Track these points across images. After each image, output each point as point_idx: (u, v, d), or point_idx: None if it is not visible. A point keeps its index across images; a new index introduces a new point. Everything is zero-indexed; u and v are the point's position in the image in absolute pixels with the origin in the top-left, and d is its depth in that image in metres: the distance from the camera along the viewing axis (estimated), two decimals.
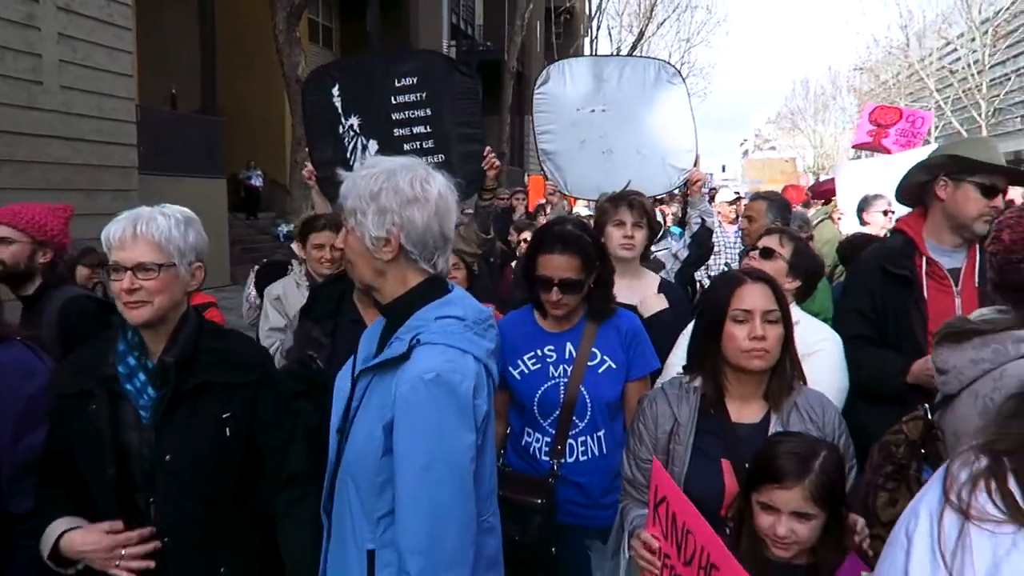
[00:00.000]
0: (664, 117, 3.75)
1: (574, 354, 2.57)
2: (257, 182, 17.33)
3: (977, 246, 2.52)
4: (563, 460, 2.53)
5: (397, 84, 3.49)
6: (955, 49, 39.62)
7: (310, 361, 2.56)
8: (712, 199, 13.12)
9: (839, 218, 6.47)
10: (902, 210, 3.03)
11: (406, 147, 3.46)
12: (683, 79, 3.90)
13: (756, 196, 4.94)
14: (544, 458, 2.55)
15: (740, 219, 6.00)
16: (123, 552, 1.90)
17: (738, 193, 8.22)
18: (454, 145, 3.45)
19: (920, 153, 5.62)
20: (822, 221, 6.22)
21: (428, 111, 3.46)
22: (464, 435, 1.68)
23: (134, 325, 1.96)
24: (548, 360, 2.57)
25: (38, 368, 2.20)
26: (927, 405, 1.90)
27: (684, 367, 2.14)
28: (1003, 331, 1.71)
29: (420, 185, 1.75)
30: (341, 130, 3.54)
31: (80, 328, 2.69)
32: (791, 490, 1.69)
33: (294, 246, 4.29)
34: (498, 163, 3.45)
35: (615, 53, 34.05)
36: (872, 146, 8.27)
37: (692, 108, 3.83)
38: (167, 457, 1.94)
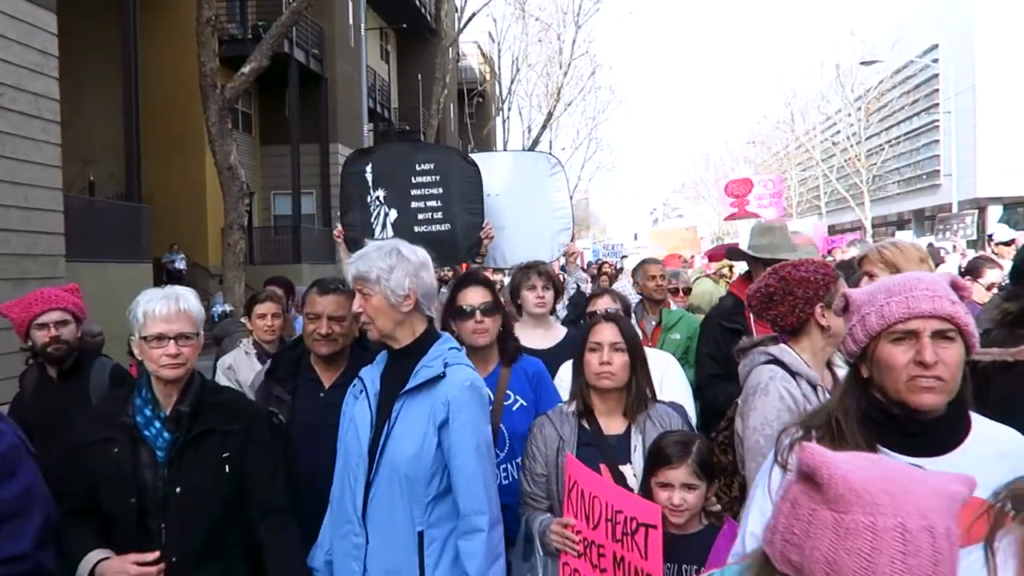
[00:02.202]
0: (546, 200, 4.50)
1: (491, 397, 2.92)
2: (180, 265, 17.36)
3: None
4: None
5: (418, 168, 4.24)
6: (835, 123, 43.25)
7: (271, 416, 2.86)
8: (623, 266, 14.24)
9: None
10: None
11: (420, 216, 4.18)
12: (563, 167, 4.69)
13: (651, 261, 5.75)
14: None
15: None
16: None
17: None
18: (459, 218, 4.16)
19: (801, 221, 6.72)
20: (699, 278, 7.15)
21: (440, 190, 4.20)
22: (488, 424, 2.37)
23: (170, 380, 2.33)
24: None
25: (4, 430, 2.34)
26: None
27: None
28: (757, 346, 2.50)
29: (418, 255, 2.38)
30: (369, 199, 4.20)
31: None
32: (679, 468, 2.24)
33: (243, 320, 4.77)
34: (493, 233, 4.15)
35: (527, 131, 35.78)
36: (740, 215, 9.38)
37: (569, 192, 4.61)
38: (177, 489, 2.30)
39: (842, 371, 2.47)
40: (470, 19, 23.89)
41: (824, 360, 2.49)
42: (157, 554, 2.26)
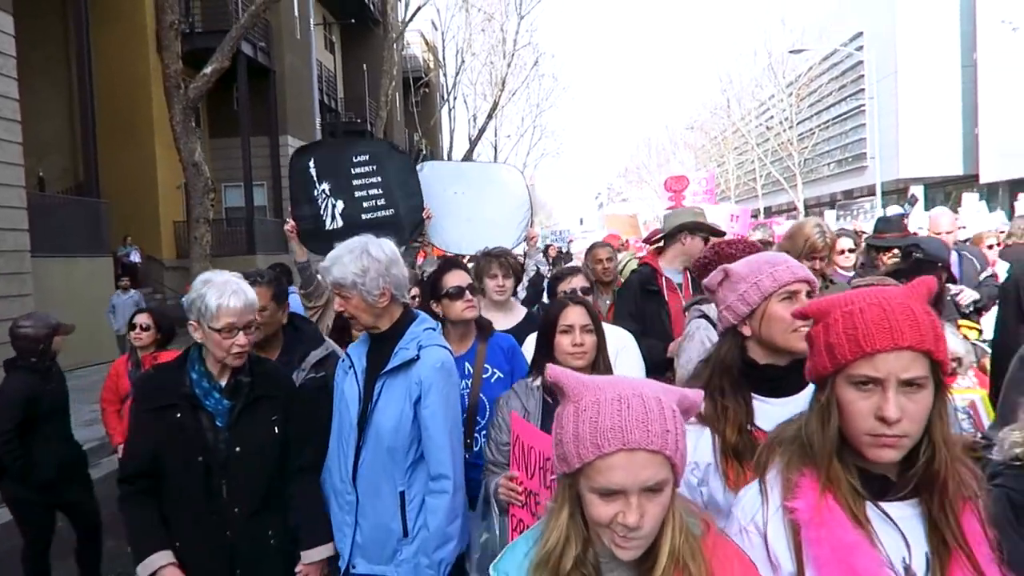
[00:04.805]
0: (507, 195, 5.13)
1: (471, 370, 3.19)
2: (135, 258, 17.54)
3: (687, 268, 4.09)
4: (472, 450, 3.09)
5: (355, 159, 4.69)
6: (768, 108, 44.91)
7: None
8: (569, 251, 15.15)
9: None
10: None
11: (365, 204, 4.64)
12: (521, 172, 5.43)
13: (601, 246, 6.16)
14: None
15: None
16: None
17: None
18: (401, 203, 4.64)
19: (715, 208, 7.70)
20: (630, 261, 8.05)
21: (379, 178, 4.67)
22: (457, 398, 2.64)
23: (234, 366, 2.54)
24: None
25: None
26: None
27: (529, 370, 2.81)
28: (695, 304, 3.19)
29: (386, 251, 2.57)
30: (315, 192, 4.64)
31: None
32: None
33: None
34: (432, 213, 4.69)
35: (472, 119, 36.33)
36: (678, 208, 10.40)
37: (528, 188, 5.31)
38: (237, 449, 2.50)
39: None
40: (415, 13, 24.30)
41: None
42: None
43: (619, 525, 1.23)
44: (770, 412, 1.83)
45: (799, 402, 1.78)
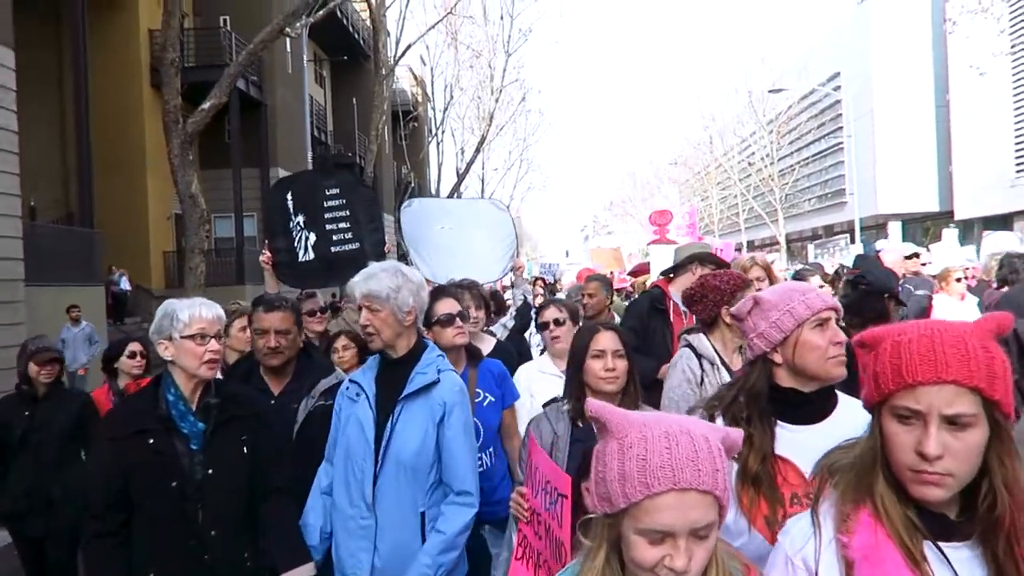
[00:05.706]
0: (492, 229, 5.31)
1: None
2: (124, 286, 17.61)
3: None
4: None
5: (327, 192, 4.81)
6: (749, 145, 45.84)
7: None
8: (557, 280, 15.39)
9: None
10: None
11: (334, 237, 4.77)
12: (507, 208, 5.60)
13: (592, 279, 6.45)
14: None
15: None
16: None
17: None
18: (366, 235, 4.79)
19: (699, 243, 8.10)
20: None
21: (348, 212, 4.80)
22: (471, 421, 2.77)
23: (207, 378, 2.56)
24: None
25: None
26: None
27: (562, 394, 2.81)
28: (685, 333, 3.28)
29: (417, 276, 2.74)
30: (291, 224, 4.77)
31: None
32: None
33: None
34: (392, 248, 4.87)
35: (460, 153, 36.81)
36: (661, 241, 10.75)
37: (513, 221, 5.53)
38: (210, 471, 2.50)
39: None
40: (405, 51, 24.78)
41: (733, 347, 3.15)
42: None
43: (665, 569, 1.18)
44: (790, 439, 1.85)
45: (820, 430, 1.83)
